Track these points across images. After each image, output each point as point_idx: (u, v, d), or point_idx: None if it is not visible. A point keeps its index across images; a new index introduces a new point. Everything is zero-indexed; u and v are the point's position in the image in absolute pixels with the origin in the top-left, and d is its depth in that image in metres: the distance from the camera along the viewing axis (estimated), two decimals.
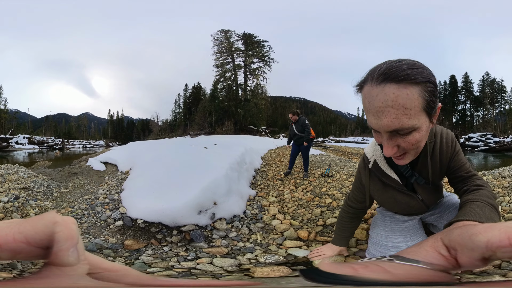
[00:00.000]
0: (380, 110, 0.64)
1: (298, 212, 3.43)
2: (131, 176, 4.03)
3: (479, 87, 57.58)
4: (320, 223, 2.94)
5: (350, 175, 5.10)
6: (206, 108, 46.38)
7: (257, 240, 2.44)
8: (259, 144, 13.92)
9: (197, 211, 2.49)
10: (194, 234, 2.29)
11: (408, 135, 0.66)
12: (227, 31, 43.64)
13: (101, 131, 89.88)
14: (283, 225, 2.85)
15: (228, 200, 2.91)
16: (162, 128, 70.68)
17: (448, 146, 0.99)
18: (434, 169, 1.00)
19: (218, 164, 3.81)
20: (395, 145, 0.68)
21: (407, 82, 0.61)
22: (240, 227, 2.69)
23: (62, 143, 43.13)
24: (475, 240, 0.27)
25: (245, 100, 42.32)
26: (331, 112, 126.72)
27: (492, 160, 15.71)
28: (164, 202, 2.46)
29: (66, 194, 4.35)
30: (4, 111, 53.61)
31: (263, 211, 3.36)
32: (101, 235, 2.36)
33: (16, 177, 5.45)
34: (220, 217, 2.65)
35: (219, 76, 45.41)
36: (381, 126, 0.65)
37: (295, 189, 4.61)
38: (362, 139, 50.95)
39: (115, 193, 3.62)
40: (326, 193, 4.16)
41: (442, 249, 0.29)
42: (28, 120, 69.73)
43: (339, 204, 3.69)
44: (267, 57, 43.46)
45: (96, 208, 2.96)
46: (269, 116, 58.58)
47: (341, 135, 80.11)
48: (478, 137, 28.36)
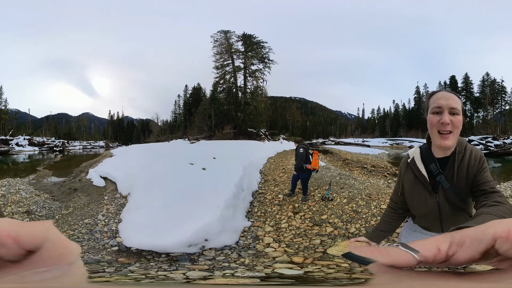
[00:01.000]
0: (448, 97, 1.10)
1: (294, 241, 3.49)
2: (128, 206, 4.29)
3: (479, 87, 57.49)
4: (319, 250, 3.10)
5: (350, 198, 5.16)
6: (206, 110, 46.31)
7: (244, 262, 2.61)
8: (258, 152, 13.93)
9: (186, 245, 2.86)
10: (181, 258, 2.68)
11: (457, 115, 1.08)
12: (226, 32, 43.51)
13: (102, 131, 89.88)
14: (276, 253, 2.99)
15: (220, 236, 3.20)
16: (162, 129, 70.65)
17: (475, 161, 1.13)
18: (460, 176, 1.13)
19: (214, 201, 3.92)
20: (451, 119, 1.07)
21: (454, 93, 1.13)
22: (230, 253, 2.93)
23: (63, 145, 43.09)
24: (486, 232, 0.28)
25: (244, 103, 42.22)
26: (331, 112, 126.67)
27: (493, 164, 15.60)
28: (158, 239, 2.85)
29: (67, 216, 4.61)
30: (4, 111, 53.43)
31: (257, 241, 3.50)
32: (98, 254, 2.83)
33: (18, 197, 5.60)
34: (210, 248, 2.91)
35: (218, 78, 45.33)
36: (448, 104, 1.08)
37: (293, 215, 4.64)
38: (363, 141, 50.92)
39: (113, 222, 4.00)
40: (327, 220, 4.25)
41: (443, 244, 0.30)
42: (29, 120, 69.73)
43: (340, 232, 3.79)
44: (266, 59, 43.36)
45: (95, 234, 3.47)
46: (269, 117, 58.58)
47: (341, 135, 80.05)
48: (479, 140, 28.28)
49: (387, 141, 48.61)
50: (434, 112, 1.10)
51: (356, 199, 5.14)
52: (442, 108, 1.08)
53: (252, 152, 13.22)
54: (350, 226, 4.07)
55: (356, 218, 4.30)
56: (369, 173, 10.02)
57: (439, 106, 1.08)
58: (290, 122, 79.32)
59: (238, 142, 26.62)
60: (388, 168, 11.86)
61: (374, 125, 76.68)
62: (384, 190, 5.67)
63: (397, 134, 62.91)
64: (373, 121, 79.54)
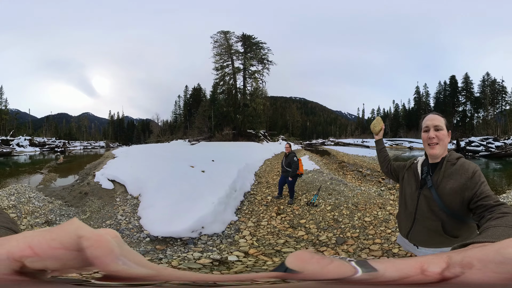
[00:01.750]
0: (434, 119, 1.38)
1: (265, 237, 4.07)
2: (143, 205, 5.04)
3: (480, 87, 57.23)
4: (277, 248, 3.61)
5: (335, 206, 5.32)
6: (206, 112, 46.42)
7: (220, 247, 3.65)
8: (256, 154, 14.05)
9: (191, 231, 3.93)
10: (188, 241, 3.84)
11: (441, 130, 1.35)
12: (226, 32, 43.56)
13: (102, 131, 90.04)
14: (245, 243, 3.76)
15: (212, 225, 4.16)
16: (162, 129, 70.76)
17: (467, 172, 1.24)
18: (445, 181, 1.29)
19: (210, 199, 4.79)
20: (436, 134, 1.34)
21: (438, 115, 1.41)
22: (215, 239, 3.94)
23: (64, 145, 43.17)
24: (505, 253, 0.26)
25: (243, 105, 42.30)
26: (331, 113, 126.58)
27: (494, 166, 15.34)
28: (171, 228, 3.93)
29: (88, 221, 4.83)
30: (4, 111, 53.51)
31: (237, 232, 4.21)
32: (140, 246, 3.73)
33: (32, 207, 5.41)
34: (205, 234, 4.00)
35: (218, 80, 45.40)
36: (433, 123, 1.37)
37: (276, 216, 5.03)
38: (362, 141, 50.86)
39: (134, 220, 4.67)
40: (303, 225, 4.58)
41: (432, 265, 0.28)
42: (29, 120, 69.92)
43: (309, 237, 4.10)
44: (265, 60, 43.41)
45: (125, 232, 4.19)
46: (268, 118, 58.62)
47: (341, 135, 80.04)
48: (479, 141, 27.88)
49: (387, 141, 48.46)
50: (424, 130, 1.40)
51: (341, 207, 5.27)
52: (428, 127, 1.37)
53: (249, 155, 13.36)
54: (322, 233, 4.20)
55: (333, 227, 4.42)
56: (363, 178, 9.89)
57: (426, 126, 1.38)
58: (290, 122, 79.35)
59: (237, 144, 26.76)
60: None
61: None
62: (374, 200, 5.66)
63: (397, 135, 62.84)
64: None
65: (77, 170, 12.78)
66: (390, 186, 7.72)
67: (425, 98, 65.08)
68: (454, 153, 1.38)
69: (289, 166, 5.78)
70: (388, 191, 6.77)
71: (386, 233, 4.02)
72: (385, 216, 4.71)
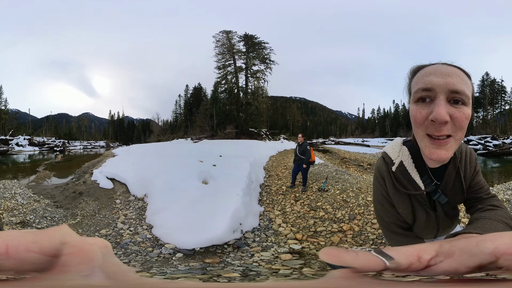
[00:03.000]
0: (447, 73, 0.66)
1: (296, 222, 4.42)
2: (153, 209, 4.11)
3: (479, 87, 57.34)
4: (312, 229, 4.01)
5: (342, 190, 5.77)
6: (207, 110, 46.50)
7: (272, 240, 3.61)
8: (261, 151, 14.12)
9: (232, 231, 3.45)
10: (238, 243, 3.34)
11: (463, 106, 0.66)
12: (228, 32, 43.62)
13: (102, 131, 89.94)
14: (286, 231, 4.00)
15: (247, 219, 3.87)
16: (162, 129, 70.73)
17: (471, 166, 0.91)
18: (457, 186, 0.89)
19: (233, 191, 4.45)
20: (450, 113, 0.65)
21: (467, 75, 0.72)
22: (260, 234, 3.79)
23: (63, 145, 43.09)
24: (482, 246, 0.27)
25: (246, 104, 42.39)
26: (332, 112, 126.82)
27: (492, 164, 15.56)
28: (210, 233, 3.21)
29: (76, 227, 3.88)
30: (4, 111, 53.36)
31: (271, 222, 4.30)
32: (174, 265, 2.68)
33: (13, 203, 4.70)
34: (246, 231, 3.70)
35: (220, 78, 45.47)
36: (447, 83, 0.65)
37: (295, 202, 5.45)
38: (362, 140, 51.15)
39: (142, 229, 3.64)
40: (321, 207, 5.02)
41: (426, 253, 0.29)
42: (29, 120, 69.79)
43: (329, 216, 4.59)
44: (268, 59, 43.51)
45: (130, 247, 3.09)
46: (269, 117, 58.66)
47: (342, 135, 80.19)
48: (477, 140, 28.25)
49: (387, 141, 48.73)
50: (419, 98, 0.68)
51: (348, 191, 5.66)
52: (434, 92, 0.66)
53: (255, 151, 13.43)
54: (337, 212, 4.70)
55: (344, 206, 4.92)
56: (364, 170, 10.35)
57: (428, 88, 0.66)
58: (291, 122, 79.46)
59: (240, 141, 26.78)
60: None
61: (374, 125, 76.85)
62: None
63: (397, 134, 63.04)
64: (373, 121, 79.69)
65: (74, 168, 12.10)
66: None
67: None
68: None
69: (303, 154, 6.08)
70: None
71: None
72: None
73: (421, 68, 0.73)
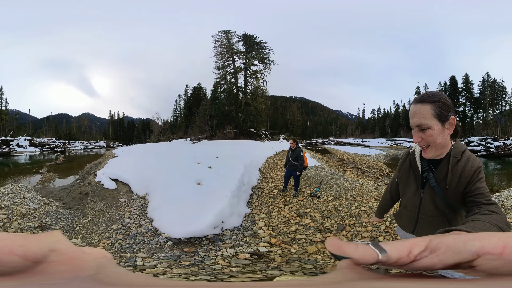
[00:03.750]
0: (414, 114, 1.10)
1: (278, 226, 4.37)
2: (153, 205, 4.70)
3: (480, 88, 57.27)
4: (291, 236, 3.88)
5: (336, 197, 5.56)
6: (207, 111, 46.51)
7: (246, 240, 3.77)
8: (258, 152, 14.10)
9: (213, 227, 3.87)
10: (214, 238, 3.74)
11: (427, 129, 1.08)
12: (227, 32, 43.61)
13: (102, 131, 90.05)
14: (264, 234, 4.02)
15: (230, 219, 4.19)
16: (162, 129, 70.79)
17: (471, 170, 1.11)
18: (451, 180, 1.14)
19: (223, 192, 4.85)
20: (420, 136, 1.10)
21: (423, 102, 1.09)
22: (238, 233, 3.99)
23: (64, 146, 43.12)
24: (468, 245, 0.27)
25: (245, 104, 42.40)
26: (332, 112, 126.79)
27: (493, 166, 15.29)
28: (193, 227, 3.74)
29: (90, 225, 4.37)
30: (4, 112, 53.44)
31: (254, 224, 4.40)
32: (165, 251, 3.35)
33: (26, 208, 4.86)
34: (226, 228, 4.01)
35: (219, 79, 45.48)
36: (414, 122, 1.09)
37: (283, 207, 5.33)
38: (362, 141, 50.97)
39: (145, 222, 4.29)
40: (309, 213, 4.88)
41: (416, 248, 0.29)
42: (29, 121, 69.93)
43: (316, 224, 4.39)
44: (267, 59, 43.49)
45: (138, 237, 3.81)
46: (269, 117, 58.61)
47: (342, 135, 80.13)
48: (478, 141, 27.87)
49: (387, 141, 48.59)
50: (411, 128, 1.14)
51: (341, 198, 5.50)
52: (412, 127, 1.11)
53: (252, 152, 13.41)
54: (326, 221, 4.51)
55: (334, 215, 4.71)
56: (362, 174, 10.20)
57: (411, 124, 1.12)
58: (291, 122, 79.42)
59: (239, 142, 26.82)
60: (382, 169, 11.70)
61: (374, 125, 76.74)
62: (371, 192, 5.85)
63: (397, 135, 62.97)
64: (373, 121, 79.59)
65: (77, 169, 12.42)
66: (387, 182, 7.95)
67: None
68: (460, 145, 1.18)
69: (296, 160, 5.96)
70: (384, 186, 6.91)
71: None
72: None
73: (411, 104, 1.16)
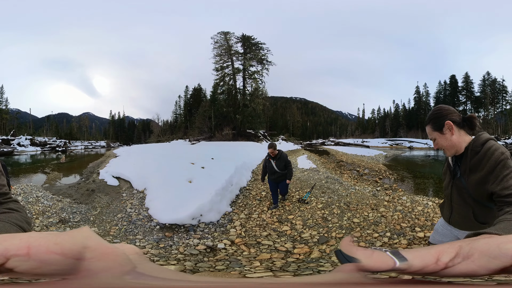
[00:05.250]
0: (428, 132, 1.36)
1: (253, 229, 4.35)
2: (149, 197, 5.41)
3: (480, 87, 57.07)
4: (258, 240, 3.86)
5: (327, 204, 5.23)
6: (206, 112, 46.56)
7: (214, 235, 4.04)
8: (254, 153, 14.10)
9: (191, 218, 4.31)
10: (189, 228, 4.19)
11: (435, 140, 1.32)
12: (226, 33, 43.67)
13: (103, 131, 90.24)
14: (234, 233, 4.13)
15: (209, 214, 4.55)
16: (162, 129, 70.92)
17: (489, 162, 1.12)
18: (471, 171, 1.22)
19: (208, 190, 5.21)
20: (436, 146, 1.34)
21: (426, 124, 1.35)
22: (211, 228, 4.30)
23: (65, 145, 43.16)
24: (503, 248, 0.26)
25: (243, 106, 42.43)
26: (332, 113, 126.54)
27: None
28: (176, 215, 4.30)
29: (100, 216, 5.05)
30: (5, 111, 53.55)
31: (230, 222, 4.57)
32: (153, 234, 4.05)
33: (41, 207, 5.21)
34: (202, 222, 4.37)
35: (218, 80, 45.54)
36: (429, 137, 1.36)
37: (266, 210, 5.18)
38: (362, 141, 50.91)
39: (143, 211, 4.97)
40: (290, 220, 4.67)
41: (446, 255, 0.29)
42: (30, 120, 70.08)
43: (292, 233, 4.17)
44: (265, 60, 43.52)
45: (138, 222, 4.49)
46: (269, 118, 58.62)
47: (342, 136, 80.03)
48: None
49: (387, 141, 48.52)
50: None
51: (333, 206, 5.15)
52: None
53: (248, 154, 13.44)
54: (306, 231, 4.16)
55: (320, 225, 4.35)
56: (360, 177, 9.51)
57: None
58: (291, 122, 79.39)
59: (236, 143, 26.89)
60: (382, 172, 10.96)
61: (374, 125, 76.59)
62: (367, 200, 5.47)
63: (397, 134, 62.84)
64: (373, 121, 79.44)
65: (80, 169, 12.66)
66: (386, 186, 7.41)
67: (425, 98, 65.05)
68: (481, 137, 1.23)
69: (285, 169, 5.09)
70: (383, 192, 6.45)
71: (373, 237, 3.81)
72: (376, 218, 4.50)
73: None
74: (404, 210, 4.80)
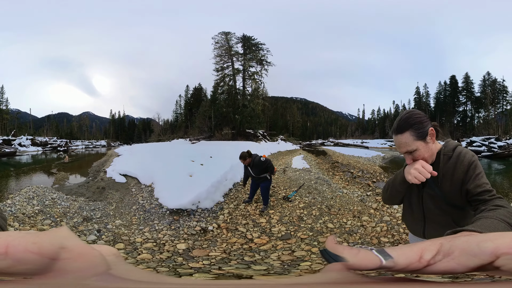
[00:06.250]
0: (400, 145, 1.16)
1: (237, 217, 4.93)
2: (157, 189, 6.12)
3: (480, 87, 56.86)
4: (238, 227, 4.48)
5: (308, 205, 5.28)
6: (206, 112, 46.70)
7: (207, 219, 4.83)
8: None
9: (191, 204, 5.15)
10: (190, 212, 5.03)
11: (415, 151, 1.14)
12: (227, 33, 43.81)
13: (103, 130, 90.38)
14: (221, 218, 4.89)
15: (205, 201, 5.36)
16: (163, 129, 71.05)
17: (463, 163, 1.13)
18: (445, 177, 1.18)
19: (205, 182, 6.06)
20: (411, 158, 1.15)
21: (402, 132, 1.15)
22: (205, 213, 5.06)
23: (66, 145, 43.22)
24: (482, 246, 0.27)
25: (242, 106, 42.58)
26: (332, 113, 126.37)
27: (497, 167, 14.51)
28: (180, 202, 5.11)
29: (118, 210, 5.47)
30: (5, 111, 53.64)
31: (221, 210, 5.25)
32: (165, 218, 4.80)
33: (60, 208, 5.21)
34: (200, 207, 5.19)
35: (218, 80, 45.69)
36: (401, 151, 1.17)
37: (253, 203, 5.66)
38: (362, 142, 50.88)
39: (153, 201, 5.65)
40: (270, 214, 5.04)
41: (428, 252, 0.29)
42: (30, 120, 70.23)
43: (265, 226, 4.50)
44: (264, 61, 43.66)
45: (152, 210, 5.20)
46: (269, 118, 58.68)
47: (342, 136, 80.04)
48: (481, 141, 26.55)
49: (386, 142, 48.45)
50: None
51: (314, 207, 5.12)
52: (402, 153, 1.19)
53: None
54: (278, 226, 4.44)
55: (293, 224, 4.48)
56: (353, 179, 8.96)
57: (400, 152, 1.21)
58: (291, 123, 79.37)
59: (235, 143, 27.01)
60: (377, 174, 10.32)
61: (374, 126, 76.58)
62: (352, 206, 5.28)
63: None
64: (373, 122, 79.42)
65: (85, 168, 12.76)
66: (378, 191, 6.89)
67: (425, 98, 64.96)
68: (450, 142, 1.23)
69: (263, 172, 5.20)
70: (374, 197, 6.09)
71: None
72: (353, 226, 4.23)
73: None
74: (391, 222, 4.28)
